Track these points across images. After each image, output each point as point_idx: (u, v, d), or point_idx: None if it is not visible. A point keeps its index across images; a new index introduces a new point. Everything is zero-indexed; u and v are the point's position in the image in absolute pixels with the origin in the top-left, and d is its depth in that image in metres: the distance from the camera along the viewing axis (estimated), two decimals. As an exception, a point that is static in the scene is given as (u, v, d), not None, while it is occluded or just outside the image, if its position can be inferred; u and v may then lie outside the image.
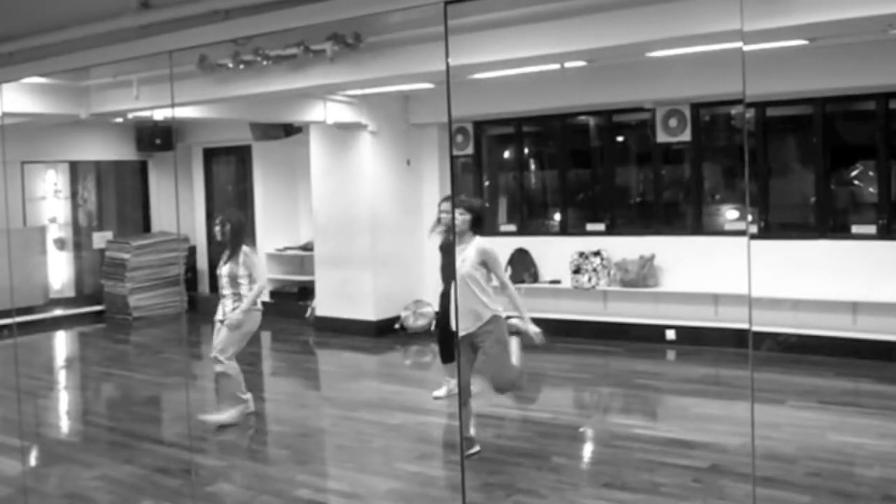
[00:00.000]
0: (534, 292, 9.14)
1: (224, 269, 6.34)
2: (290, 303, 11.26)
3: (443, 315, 6.82)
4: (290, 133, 10.39)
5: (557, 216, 9.70)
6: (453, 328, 5.77)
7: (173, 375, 8.45)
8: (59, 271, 11.95)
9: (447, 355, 6.79)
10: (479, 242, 5.46)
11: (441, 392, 6.97)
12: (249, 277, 6.29)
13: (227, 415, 6.32)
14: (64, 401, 8.23)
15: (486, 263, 5.42)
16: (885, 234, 7.71)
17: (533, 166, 10.13)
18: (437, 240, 6.78)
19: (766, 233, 8.25)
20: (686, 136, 8.60)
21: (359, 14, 3.85)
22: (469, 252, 5.40)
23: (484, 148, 10.17)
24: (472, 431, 5.58)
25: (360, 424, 6.44)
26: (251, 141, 10.99)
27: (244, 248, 6.37)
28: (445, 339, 6.83)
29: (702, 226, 8.69)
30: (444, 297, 6.61)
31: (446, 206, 6.69)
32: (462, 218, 5.49)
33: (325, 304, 10.30)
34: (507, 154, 10.19)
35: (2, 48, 4.69)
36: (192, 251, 12.32)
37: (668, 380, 7.72)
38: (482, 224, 5.64)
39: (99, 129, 11.35)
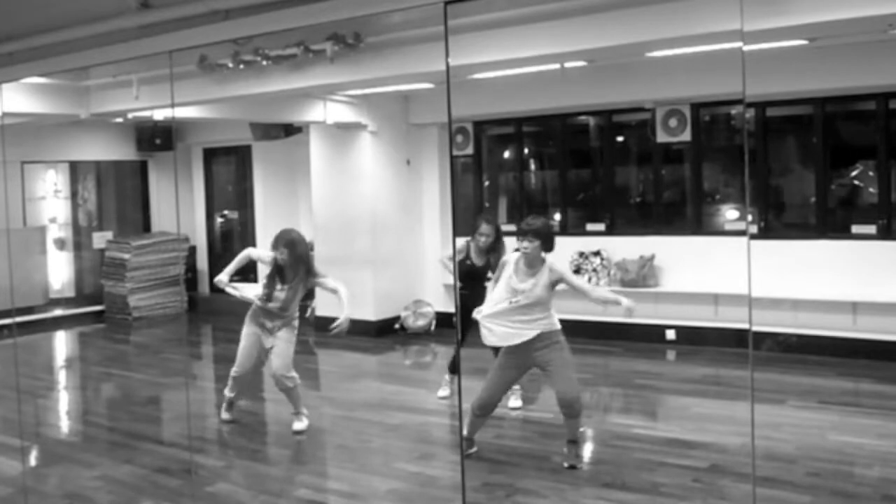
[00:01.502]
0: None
1: (280, 292, 6.14)
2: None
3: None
4: (290, 133, 10.39)
5: (557, 216, 9.69)
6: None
7: (173, 375, 8.45)
8: (59, 271, 11.94)
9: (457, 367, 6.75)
10: (551, 265, 5.22)
11: (445, 392, 6.97)
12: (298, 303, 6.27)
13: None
14: (64, 401, 8.22)
15: (557, 283, 5.20)
16: (885, 234, 7.72)
17: (533, 166, 10.13)
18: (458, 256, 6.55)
19: (766, 233, 8.25)
20: (686, 136, 8.60)
21: (359, 14, 3.87)
22: (542, 278, 5.18)
23: (484, 148, 10.17)
24: (476, 434, 5.56)
25: (360, 424, 6.43)
26: (251, 141, 10.99)
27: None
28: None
29: (702, 226, 8.69)
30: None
31: (487, 228, 6.50)
32: (533, 245, 5.17)
33: (325, 304, 10.29)
34: (507, 154, 10.19)
35: (2, 48, 4.70)
36: (192, 251, 12.31)
37: (668, 380, 7.71)
38: (553, 245, 5.28)
39: (99, 129, 11.35)
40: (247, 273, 6.32)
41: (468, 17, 5.27)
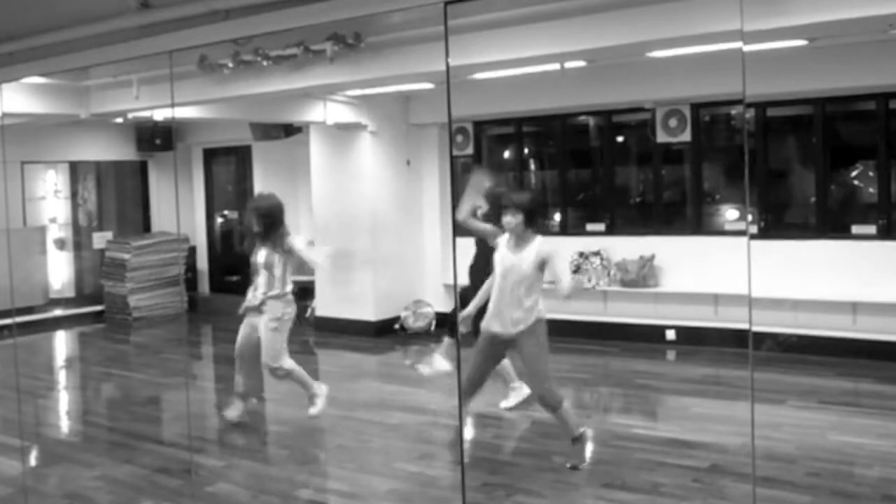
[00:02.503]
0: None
1: (260, 257, 6.15)
2: (290, 303, 11.26)
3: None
4: (290, 133, 10.39)
5: (557, 216, 9.70)
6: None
7: (173, 375, 8.45)
8: (59, 271, 11.94)
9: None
10: (541, 244, 5.15)
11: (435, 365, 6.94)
12: (285, 265, 6.14)
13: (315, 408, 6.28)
14: (64, 401, 8.22)
15: (544, 264, 5.12)
16: (885, 234, 7.71)
17: (533, 166, 10.13)
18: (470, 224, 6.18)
19: (766, 233, 8.25)
20: (686, 136, 8.60)
21: (359, 14, 3.87)
22: (530, 254, 5.12)
23: (484, 148, 10.16)
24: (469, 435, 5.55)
25: (360, 424, 6.43)
26: (251, 141, 10.98)
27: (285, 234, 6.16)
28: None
29: (702, 226, 8.69)
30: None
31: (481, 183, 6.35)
32: (515, 220, 5.13)
33: (325, 304, 10.30)
34: (507, 154, 10.19)
35: (2, 48, 4.69)
36: (192, 251, 12.31)
37: (668, 380, 7.71)
38: (536, 220, 5.24)
39: (99, 129, 11.35)
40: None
41: (468, 17, 5.27)
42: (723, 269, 7.57)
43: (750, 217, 8.15)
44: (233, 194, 12.66)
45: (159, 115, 9.01)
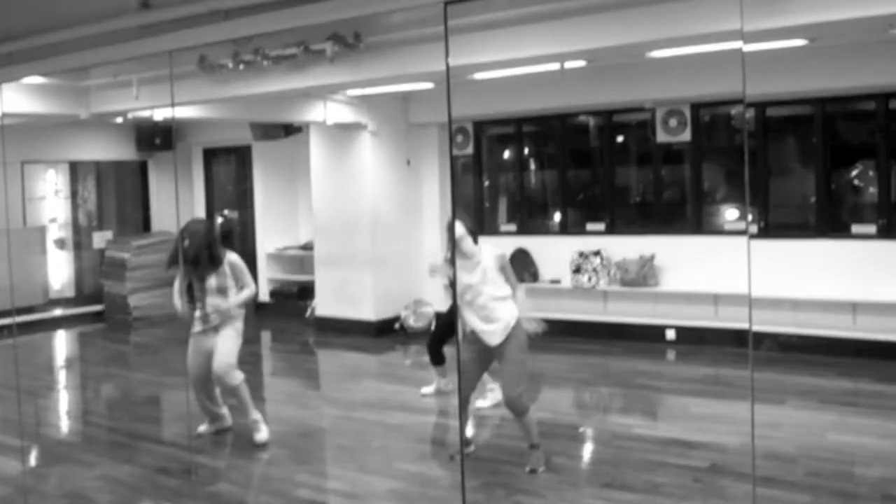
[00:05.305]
0: (534, 292, 9.13)
1: (211, 281, 5.91)
2: (290, 303, 11.27)
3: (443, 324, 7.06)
4: (290, 133, 10.39)
5: (557, 216, 9.70)
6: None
7: (173, 375, 8.44)
8: (59, 271, 11.94)
9: (438, 358, 6.97)
10: (492, 249, 5.28)
11: (429, 389, 7.05)
12: (238, 286, 5.94)
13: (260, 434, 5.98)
14: (64, 401, 8.22)
15: (503, 268, 5.25)
16: (885, 234, 7.72)
17: (533, 166, 10.13)
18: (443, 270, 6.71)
19: (766, 233, 8.25)
20: (686, 136, 8.61)
21: (359, 14, 3.87)
22: (487, 262, 5.23)
23: (484, 148, 10.17)
24: (469, 433, 5.56)
25: (360, 424, 6.44)
26: (251, 141, 10.99)
27: (229, 255, 5.94)
28: (438, 344, 7.04)
29: (702, 226, 8.70)
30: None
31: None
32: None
33: (325, 304, 10.31)
34: (507, 154, 10.19)
35: (2, 48, 4.69)
36: (192, 251, 12.29)
37: (668, 380, 7.71)
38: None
39: (99, 129, 11.35)
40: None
41: (468, 17, 5.27)
42: (723, 269, 7.59)
43: (750, 217, 8.16)
44: (233, 194, 12.66)
45: (159, 114, 9.01)
